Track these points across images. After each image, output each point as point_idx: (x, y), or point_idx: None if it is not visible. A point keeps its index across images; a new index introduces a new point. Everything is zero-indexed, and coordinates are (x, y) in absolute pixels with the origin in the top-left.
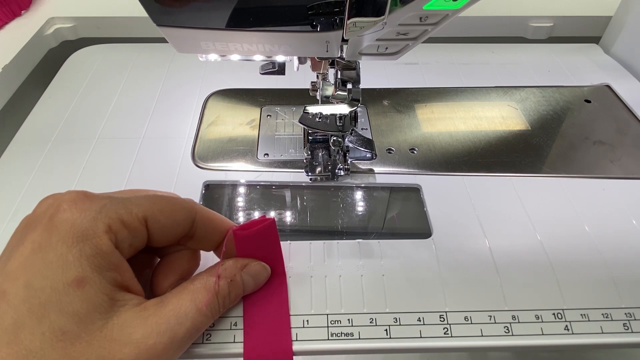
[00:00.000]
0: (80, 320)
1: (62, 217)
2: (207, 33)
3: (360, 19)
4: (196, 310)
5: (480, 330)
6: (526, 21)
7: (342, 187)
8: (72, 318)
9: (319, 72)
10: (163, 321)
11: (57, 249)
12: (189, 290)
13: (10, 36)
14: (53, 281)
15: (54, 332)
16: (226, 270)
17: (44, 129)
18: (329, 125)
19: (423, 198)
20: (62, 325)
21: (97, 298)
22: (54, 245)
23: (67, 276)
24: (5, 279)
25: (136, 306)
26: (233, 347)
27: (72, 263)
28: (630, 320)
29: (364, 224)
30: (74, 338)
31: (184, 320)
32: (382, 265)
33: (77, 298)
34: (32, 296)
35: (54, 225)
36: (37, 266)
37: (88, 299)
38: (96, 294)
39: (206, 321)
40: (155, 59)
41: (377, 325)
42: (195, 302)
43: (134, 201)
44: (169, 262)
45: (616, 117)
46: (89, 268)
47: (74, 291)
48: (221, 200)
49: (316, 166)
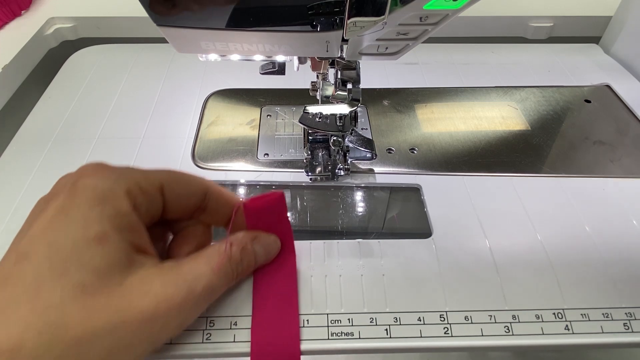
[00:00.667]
0: (100, 274)
1: (84, 182)
2: (207, 33)
3: (360, 19)
4: (211, 271)
5: (480, 329)
6: (526, 21)
7: (342, 187)
8: (92, 273)
9: (319, 72)
10: (180, 277)
11: (80, 208)
12: (203, 255)
13: (10, 36)
14: (74, 238)
15: (74, 286)
16: (237, 239)
17: (44, 129)
18: (329, 125)
19: (423, 198)
20: (82, 279)
21: (116, 255)
22: (76, 206)
23: (88, 233)
24: (28, 241)
25: (153, 266)
26: (233, 347)
27: (94, 221)
28: (630, 320)
29: (364, 224)
30: (94, 291)
31: (200, 278)
32: (382, 265)
33: (98, 254)
34: (53, 254)
35: (77, 190)
36: (60, 226)
37: (108, 254)
38: (116, 251)
39: (220, 284)
40: (155, 59)
41: (377, 324)
42: (209, 264)
43: (151, 170)
44: (183, 235)
45: (616, 117)
46: (110, 227)
47: (95, 247)
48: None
49: (316, 166)
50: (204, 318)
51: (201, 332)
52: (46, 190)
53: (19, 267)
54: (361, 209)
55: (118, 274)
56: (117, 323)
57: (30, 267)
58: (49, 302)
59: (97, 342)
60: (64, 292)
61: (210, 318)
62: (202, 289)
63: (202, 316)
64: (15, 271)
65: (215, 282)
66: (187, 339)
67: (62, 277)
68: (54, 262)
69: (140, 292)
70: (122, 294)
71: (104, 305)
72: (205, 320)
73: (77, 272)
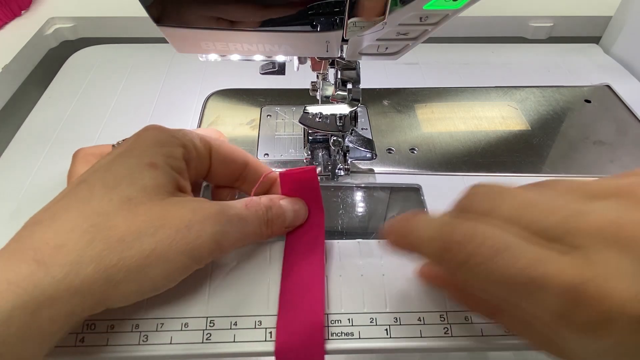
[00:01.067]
0: (146, 191)
1: (145, 133)
2: (207, 33)
3: (360, 19)
4: (243, 206)
5: (480, 330)
6: (526, 21)
7: (342, 187)
8: (140, 189)
9: (319, 72)
10: (214, 202)
11: (140, 147)
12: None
13: (10, 36)
14: (130, 164)
15: (122, 198)
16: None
17: (44, 129)
18: (329, 125)
19: (423, 198)
20: (130, 193)
21: (163, 180)
22: (137, 146)
23: (142, 160)
24: (90, 172)
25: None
26: (233, 347)
27: (149, 154)
28: None
29: (364, 224)
30: (138, 204)
31: (233, 205)
32: (382, 265)
33: (148, 176)
34: (108, 176)
35: (139, 137)
36: (119, 158)
37: (156, 178)
38: (163, 176)
39: (250, 220)
40: (155, 59)
41: (377, 325)
42: (241, 203)
43: (202, 134)
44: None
45: (616, 117)
46: (162, 161)
47: (147, 170)
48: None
49: (316, 166)
50: (204, 318)
51: (201, 332)
52: (46, 191)
53: (76, 189)
54: (361, 209)
55: (162, 194)
56: (157, 227)
57: (86, 187)
58: (96, 210)
59: (136, 243)
60: (111, 202)
61: (210, 318)
62: (234, 214)
63: (202, 316)
64: (72, 192)
65: (246, 213)
66: (187, 339)
67: (111, 192)
68: (108, 181)
69: (179, 206)
70: (163, 207)
71: (146, 212)
72: (205, 320)
73: (127, 188)
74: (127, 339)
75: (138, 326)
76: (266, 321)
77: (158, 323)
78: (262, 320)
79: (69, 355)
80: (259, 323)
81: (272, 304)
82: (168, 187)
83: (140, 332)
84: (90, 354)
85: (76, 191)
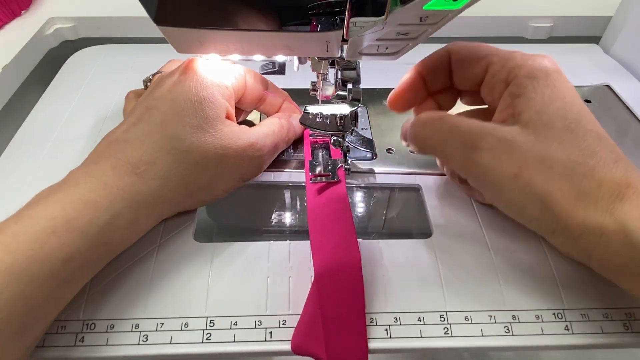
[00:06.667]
0: (209, 121)
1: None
2: (207, 33)
3: (360, 19)
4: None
5: (480, 330)
6: (526, 21)
7: None
8: (203, 119)
9: (319, 72)
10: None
11: (195, 77)
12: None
13: (10, 36)
14: (190, 95)
15: (191, 125)
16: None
17: (44, 129)
18: (329, 125)
19: (423, 198)
20: (196, 122)
21: (219, 111)
22: (193, 76)
23: (201, 92)
24: (153, 98)
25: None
26: (233, 347)
27: (206, 85)
28: (630, 320)
29: (364, 224)
30: (205, 131)
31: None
32: (382, 265)
33: (208, 108)
34: (175, 105)
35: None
36: (179, 87)
37: (214, 109)
38: (219, 108)
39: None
40: (155, 59)
41: (377, 324)
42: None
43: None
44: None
45: (616, 117)
46: (217, 92)
47: (206, 104)
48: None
49: (316, 166)
50: (204, 318)
51: (201, 332)
52: None
53: (149, 113)
54: (361, 209)
55: (221, 124)
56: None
57: (158, 112)
58: (173, 134)
59: (208, 167)
60: (184, 128)
61: (210, 318)
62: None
63: (202, 316)
64: (146, 116)
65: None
66: (187, 339)
67: (182, 120)
68: (176, 111)
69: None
70: (225, 134)
71: (212, 141)
72: (205, 320)
73: (192, 118)
74: (127, 338)
75: (138, 326)
76: (266, 321)
77: (158, 323)
78: (262, 320)
79: (69, 354)
80: (259, 323)
81: (271, 304)
82: (222, 115)
83: (140, 332)
84: (90, 354)
85: (151, 119)
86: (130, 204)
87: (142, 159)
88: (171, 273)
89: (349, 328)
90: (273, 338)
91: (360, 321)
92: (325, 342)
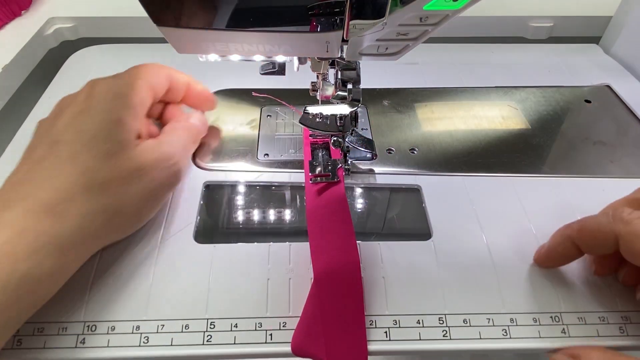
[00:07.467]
0: (121, 144)
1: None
2: (207, 33)
3: (360, 20)
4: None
5: (479, 332)
6: (526, 21)
7: None
8: (115, 144)
9: (319, 72)
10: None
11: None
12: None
13: (10, 36)
14: (98, 121)
15: (103, 153)
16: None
17: None
18: (329, 126)
19: (423, 198)
20: (108, 149)
21: (130, 132)
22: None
23: (109, 116)
24: (59, 131)
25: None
26: (233, 349)
27: (113, 108)
28: (626, 323)
29: (364, 225)
30: (118, 155)
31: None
32: (382, 267)
33: (118, 131)
34: (83, 136)
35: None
36: (86, 116)
37: (124, 132)
38: (130, 129)
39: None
40: (155, 59)
41: (376, 327)
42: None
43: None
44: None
45: (616, 117)
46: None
47: (115, 128)
48: (221, 200)
49: (316, 166)
50: (205, 320)
51: (202, 333)
52: None
53: (54, 149)
54: (361, 209)
55: (132, 145)
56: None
57: (65, 147)
58: (86, 166)
59: (128, 191)
60: (96, 158)
61: (210, 320)
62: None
63: (203, 318)
64: (51, 152)
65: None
66: (187, 341)
67: (92, 149)
68: (85, 140)
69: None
70: (136, 154)
71: (125, 162)
72: (206, 322)
73: (104, 144)
74: (128, 340)
75: (139, 328)
76: (266, 323)
77: (159, 324)
78: (263, 322)
79: (70, 356)
80: (259, 325)
81: (272, 305)
82: (132, 136)
83: (141, 334)
84: (91, 355)
85: (58, 154)
86: (52, 248)
87: (58, 196)
88: (172, 274)
89: (349, 330)
90: (273, 340)
91: (360, 323)
92: (326, 343)
